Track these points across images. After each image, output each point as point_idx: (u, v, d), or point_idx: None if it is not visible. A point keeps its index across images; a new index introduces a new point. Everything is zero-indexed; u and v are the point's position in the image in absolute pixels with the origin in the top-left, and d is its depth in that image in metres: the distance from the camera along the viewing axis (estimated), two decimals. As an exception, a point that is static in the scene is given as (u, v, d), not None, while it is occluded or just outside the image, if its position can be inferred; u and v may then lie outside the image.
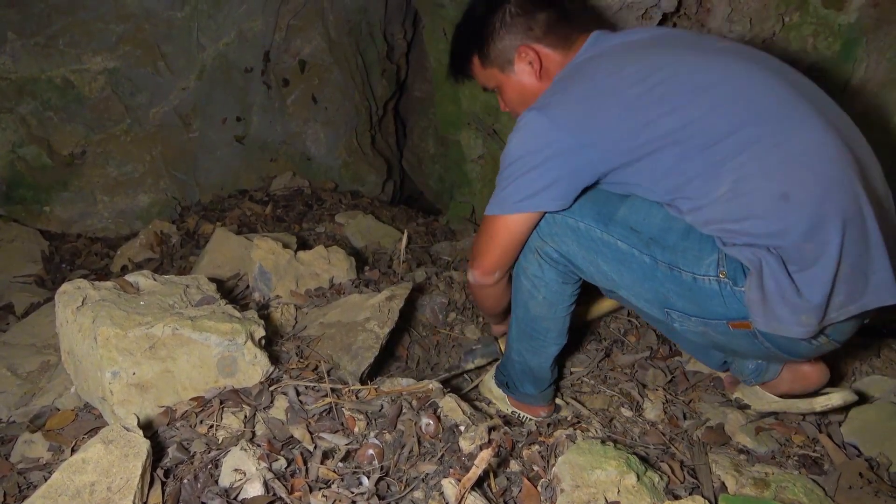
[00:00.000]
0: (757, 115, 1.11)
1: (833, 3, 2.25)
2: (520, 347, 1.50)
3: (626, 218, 1.24)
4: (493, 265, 1.36)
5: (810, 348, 1.21)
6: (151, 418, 1.20)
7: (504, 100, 1.48)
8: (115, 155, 2.88)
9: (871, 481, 1.27)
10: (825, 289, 1.08)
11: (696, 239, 1.18)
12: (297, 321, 1.76)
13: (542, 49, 1.36)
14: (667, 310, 1.26)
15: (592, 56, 1.28)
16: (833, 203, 1.07)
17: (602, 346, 1.85)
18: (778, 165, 1.09)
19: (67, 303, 1.30)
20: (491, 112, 2.96)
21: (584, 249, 1.29)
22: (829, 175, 1.08)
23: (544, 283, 1.37)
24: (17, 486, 1.13)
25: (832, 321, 1.12)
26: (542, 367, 1.51)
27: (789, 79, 1.18)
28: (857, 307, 1.10)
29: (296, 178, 3.26)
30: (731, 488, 1.26)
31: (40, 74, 2.70)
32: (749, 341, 1.22)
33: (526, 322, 1.45)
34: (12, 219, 2.71)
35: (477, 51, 1.42)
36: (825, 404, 1.36)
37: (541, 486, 1.13)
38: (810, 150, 1.09)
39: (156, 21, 2.82)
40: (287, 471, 1.09)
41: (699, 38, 1.32)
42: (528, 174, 1.22)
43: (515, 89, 1.42)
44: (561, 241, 1.31)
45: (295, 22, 3.20)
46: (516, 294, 1.45)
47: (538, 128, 1.21)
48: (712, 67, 1.17)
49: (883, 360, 1.75)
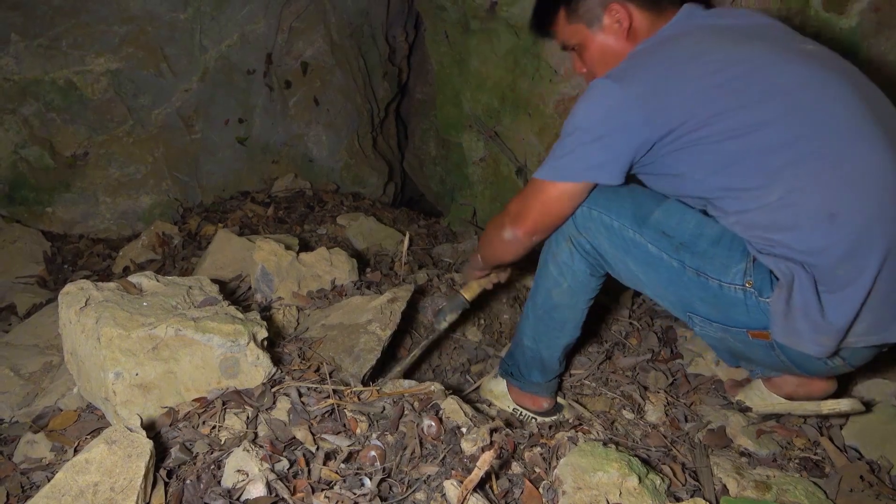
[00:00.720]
0: (825, 129, 1.09)
1: (834, 7, 2.25)
2: (535, 334, 1.50)
3: (659, 221, 1.25)
4: (538, 228, 1.34)
5: (824, 368, 1.21)
6: (154, 419, 1.21)
7: (583, 58, 1.42)
8: (117, 156, 2.89)
9: (872, 484, 1.28)
10: (850, 315, 1.08)
11: (726, 247, 1.18)
12: (299, 323, 1.76)
13: (633, 9, 1.31)
14: (689, 313, 1.27)
15: (679, 33, 1.24)
16: (879, 231, 1.06)
17: (603, 349, 1.85)
18: (833, 183, 1.07)
19: (71, 303, 1.30)
20: (492, 115, 2.97)
21: (615, 248, 1.30)
22: (882, 202, 1.07)
23: (572, 272, 1.38)
24: (20, 486, 1.13)
25: (850, 346, 1.12)
26: (553, 357, 1.52)
27: (867, 95, 1.15)
28: (879, 338, 1.10)
29: (297, 179, 3.27)
30: (733, 491, 1.26)
31: (43, 76, 2.71)
32: (765, 351, 1.22)
33: (545, 309, 1.46)
34: (15, 219, 2.72)
35: (564, 3, 1.37)
36: (833, 408, 1.36)
37: (542, 487, 1.13)
38: (868, 173, 1.08)
39: (158, 23, 2.83)
40: (289, 472, 1.09)
41: (788, 35, 1.27)
42: (591, 144, 1.20)
43: (599, 48, 1.37)
44: (594, 235, 1.31)
45: (297, 24, 3.21)
46: (541, 280, 1.45)
47: (611, 99, 1.18)
48: (792, 71, 1.14)
49: (883, 363, 1.75)
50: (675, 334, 1.95)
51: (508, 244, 1.40)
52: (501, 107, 2.92)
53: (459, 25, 2.99)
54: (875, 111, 1.12)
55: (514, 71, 2.80)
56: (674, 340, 1.91)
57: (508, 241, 1.39)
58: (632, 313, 2.05)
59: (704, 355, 1.77)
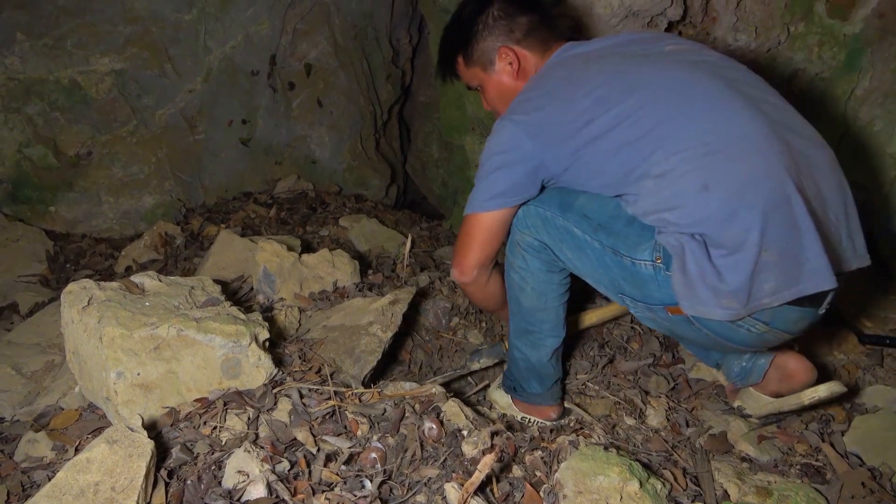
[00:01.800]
0: (684, 110, 1.19)
1: (838, 13, 2.25)
2: (519, 344, 1.54)
3: (582, 206, 1.34)
4: (471, 263, 1.43)
5: (750, 336, 1.24)
6: (155, 419, 1.21)
7: (486, 98, 1.57)
8: (120, 156, 2.89)
9: (873, 491, 1.27)
10: (745, 273, 1.12)
11: (639, 227, 1.25)
12: (301, 324, 1.76)
13: (520, 51, 1.46)
14: (621, 295, 1.33)
15: (556, 63, 1.40)
16: (753, 192, 1.12)
17: (605, 353, 1.85)
18: (699, 157, 1.15)
19: (73, 303, 1.30)
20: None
21: (552, 237, 1.37)
22: (753, 164, 1.14)
23: (530, 273, 1.43)
24: (20, 484, 1.13)
25: (766, 306, 1.14)
26: (543, 362, 1.53)
27: (725, 74, 1.25)
28: (791, 293, 1.13)
29: (300, 181, 3.27)
30: (734, 496, 1.25)
31: (48, 75, 2.71)
32: (689, 327, 1.27)
33: (521, 317, 1.49)
34: (18, 218, 2.72)
35: (462, 51, 1.52)
36: (812, 396, 1.38)
37: (543, 491, 1.13)
38: (733, 141, 1.16)
39: (163, 24, 2.84)
40: (290, 473, 1.09)
41: (654, 40, 1.39)
42: (495, 173, 1.34)
43: (496, 88, 1.52)
44: (535, 229, 1.39)
45: (301, 26, 3.22)
46: (509, 291, 1.50)
47: (506, 133, 1.33)
48: (648, 67, 1.27)
49: (886, 370, 1.75)
50: (676, 339, 1.94)
51: (465, 286, 1.53)
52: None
53: (463, 28, 2.99)
54: (735, 87, 1.22)
55: (518, 74, 2.80)
56: (675, 345, 1.91)
57: (462, 284, 1.50)
58: (633, 318, 2.05)
59: (706, 360, 1.77)
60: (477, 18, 1.47)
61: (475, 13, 1.48)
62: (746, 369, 1.47)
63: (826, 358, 1.80)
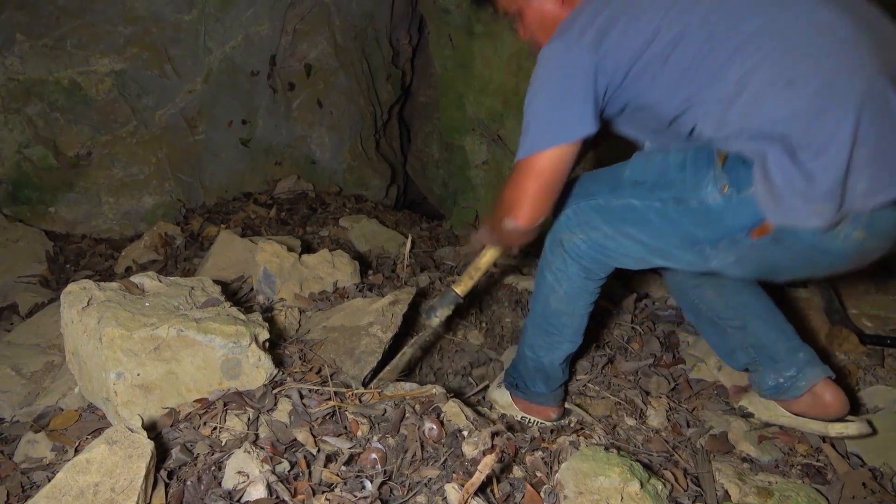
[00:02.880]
0: (757, 7, 1.11)
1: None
2: (534, 343, 1.51)
3: (630, 175, 1.29)
4: (536, 212, 1.26)
5: (847, 247, 1.13)
6: (155, 419, 1.20)
7: (524, 24, 1.42)
8: (120, 156, 2.89)
9: (874, 491, 1.27)
10: (838, 174, 1.04)
11: (691, 166, 1.20)
12: (301, 324, 1.76)
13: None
14: (698, 248, 1.24)
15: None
16: (844, 84, 1.04)
17: (605, 353, 1.85)
18: (782, 53, 1.07)
19: (73, 303, 1.30)
20: (496, 118, 2.97)
21: (611, 225, 1.31)
22: (841, 56, 1.06)
23: (567, 277, 1.39)
24: (20, 485, 1.13)
25: (861, 209, 1.07)
26: (554, 365, 1.52)
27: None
28: (887, 194, 1.06)
29: (300, 181, 3.27)
30: (735, 497, 1.25)
31: (48, 76, 2.71)
32: (779, 249, 1.17)
33: (544, 317, 1.47)
34: (17, 219, 2.72)
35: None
36: (841, 431, 1.35)
37: (543, 491, 1.13)
38: (816, 33, 1.07)
39: (163, 24, 2.84)
40: (290, 474, 1.09)
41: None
42: (555, 104, 1.19)
43: (537, 14, 1.37)
44: (589, 226, 1.33)
45: (301, 26, 3.22)
46: (539, 289, 1.46)
47: (558, 57, 1.19)
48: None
49: (887, 370, 1.75)
50: (677, 339, 1.94)
51: (513, 234, 1.34)
52: (505, 110, 2.92)
53: (463, 29, 3.00)
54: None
55: (518, 74, 2.80)
56: (676, 346, 1.90)
57: (512, 231, 1.32)
58: (634, 318, 2.04)
59: (706, 360, 1.76)
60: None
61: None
62: (783, 386, 1.42)
63: (828, 359, 1.80)
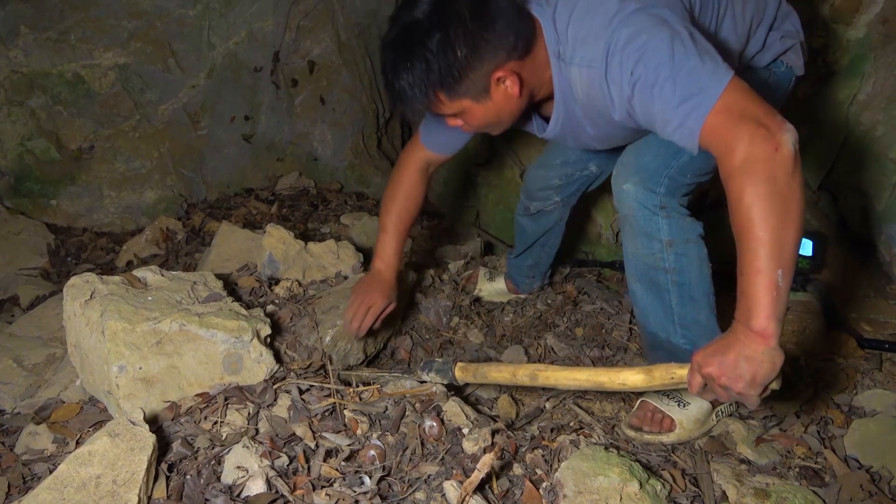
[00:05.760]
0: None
1: (842, 18, 2.26)
2: (695, 319, 1.44)
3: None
4: (777, 119, 1.02)
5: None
6: (156, 413, 1.21)
7: (468, 122, 1.31)
8: (122, 150, 2.89)
9: (872, 494, 1.28)
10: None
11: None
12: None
13: (516, 66, 1.21)
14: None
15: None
16: None
17: (605, 353, 1.85)
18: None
19: (76, 296, 1.31)
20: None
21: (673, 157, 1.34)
22: None
23: (681, 229, 1.38)
24: (21, 477, 1.13)
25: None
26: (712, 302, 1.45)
27: None
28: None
29: (302, 178, 3.27)
30: (732, 498, 1.26)
31: (51, 69, 2.71)
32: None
33: (699, 286, 1.42)
34: (19, 211, 2.72)
35: (442, 87, 1.20)
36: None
37: (543, 489, 1.13)
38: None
39: (167, 19, 2.84)
40: (289, 468, 1.09)
41: None
42: (696, 53, 1.07)
43: (492, 111, 1.27)
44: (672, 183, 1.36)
45: (305, 23, 3.22)
46: (689, 263, 1.39)
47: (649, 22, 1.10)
48: None
49: (885, 374, 1.75)
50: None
51: (797, 170, 1.00)
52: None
53: (467, 28, 2.99)
54: None
55: (521, 74, 2.80)
56: (675, 347, 1.91)
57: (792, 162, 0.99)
58: (633, 318, 2.05)
59: (706, 362, 1.77)
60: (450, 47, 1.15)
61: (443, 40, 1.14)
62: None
63: (826, 363, 1.80)
